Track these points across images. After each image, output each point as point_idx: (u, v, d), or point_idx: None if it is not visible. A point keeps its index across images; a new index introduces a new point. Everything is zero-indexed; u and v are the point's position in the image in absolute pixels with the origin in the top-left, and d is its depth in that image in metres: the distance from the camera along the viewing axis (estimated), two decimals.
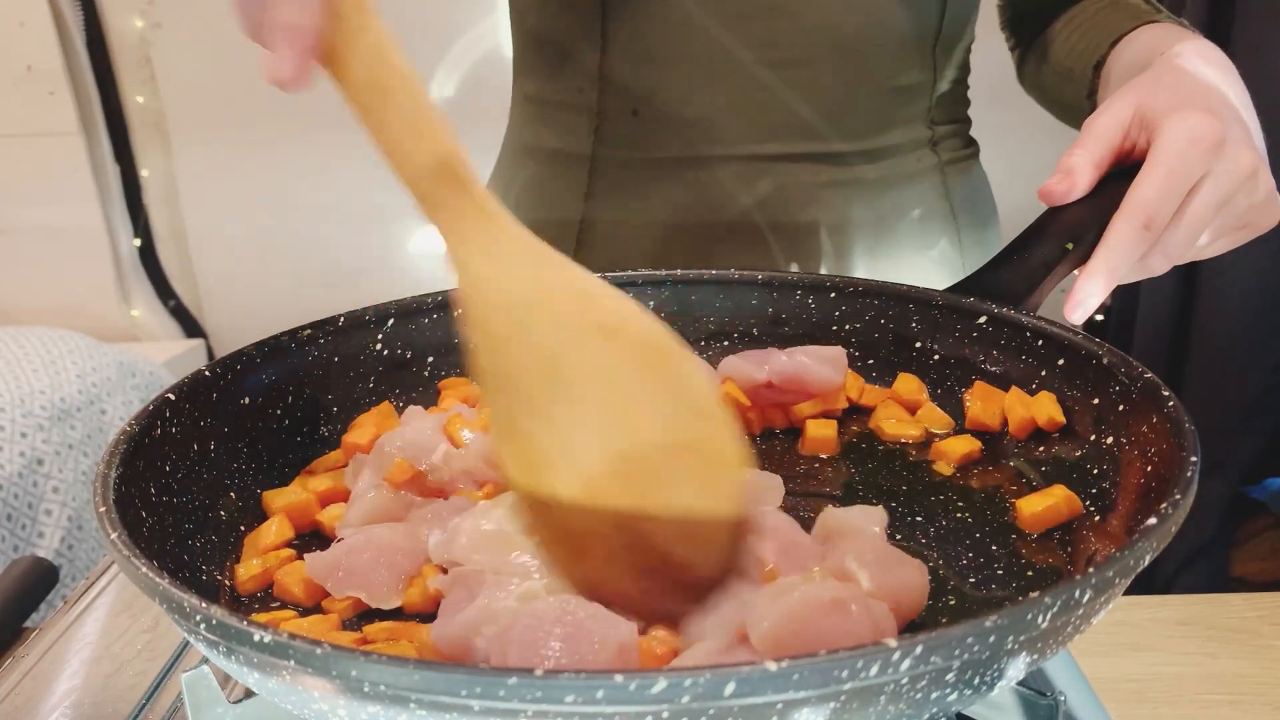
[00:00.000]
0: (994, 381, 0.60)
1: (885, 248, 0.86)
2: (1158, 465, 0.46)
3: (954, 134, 0.89)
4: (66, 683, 0.61)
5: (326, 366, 0.62)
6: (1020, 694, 0.48)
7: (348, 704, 0.32)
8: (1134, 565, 0.36)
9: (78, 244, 2.38)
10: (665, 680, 0.29)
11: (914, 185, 0.86)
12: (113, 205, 2.39)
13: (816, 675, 0.30)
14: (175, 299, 2.44)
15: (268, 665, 0.33)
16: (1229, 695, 0.60)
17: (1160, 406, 0.48)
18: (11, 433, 1.62)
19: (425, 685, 0.30)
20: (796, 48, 0.78)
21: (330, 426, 0.61)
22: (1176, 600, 0.69)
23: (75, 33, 2.28)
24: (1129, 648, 0.64)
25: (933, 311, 0.64)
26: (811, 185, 0.83)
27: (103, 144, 2.36)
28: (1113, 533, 0.47)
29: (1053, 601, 0.33)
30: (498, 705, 0.30)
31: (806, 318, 0.69)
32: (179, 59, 2.32)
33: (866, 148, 0.83)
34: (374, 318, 0.65)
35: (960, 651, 0.31)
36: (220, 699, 0.49)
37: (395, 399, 0.64)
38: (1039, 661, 0.36)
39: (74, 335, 1.88)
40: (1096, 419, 0.53)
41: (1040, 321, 0.59)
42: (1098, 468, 0.52)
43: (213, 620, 0.34)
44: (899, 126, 0.84)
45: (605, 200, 0.85)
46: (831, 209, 0.83)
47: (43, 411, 1.69)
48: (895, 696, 0.32)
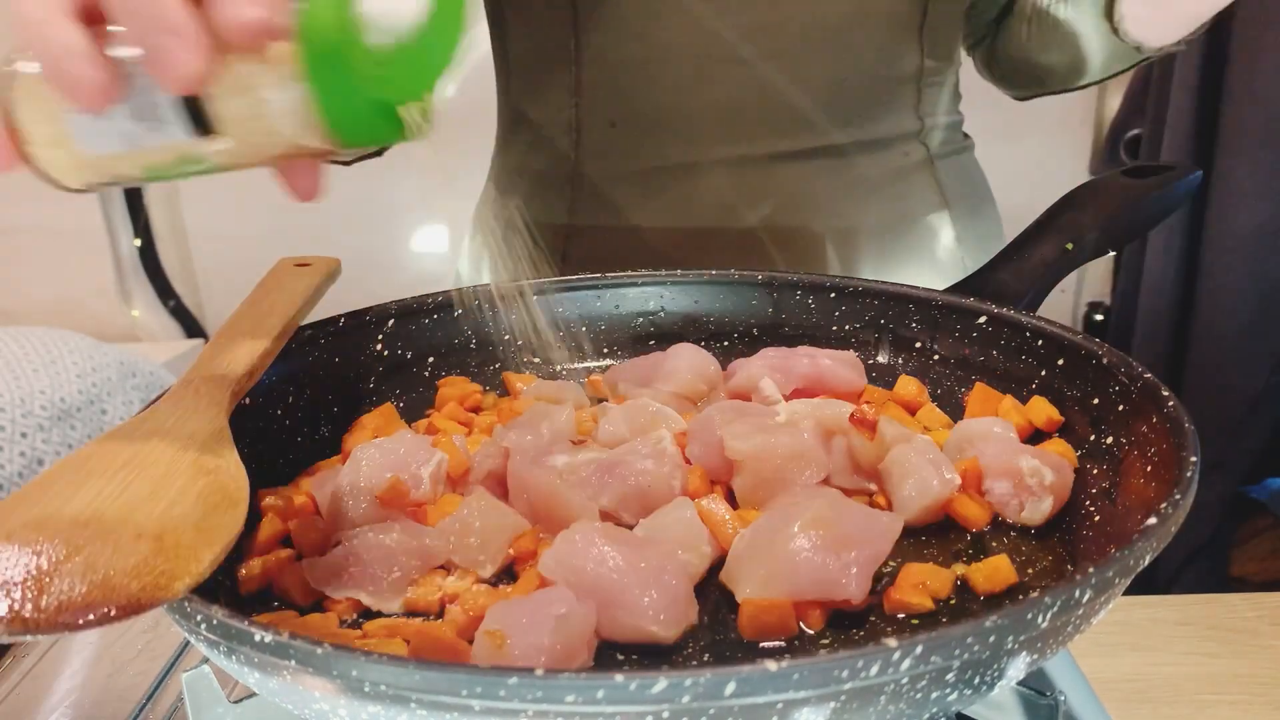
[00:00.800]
0: (994, 382, 0.60)
1: (881, 244, 0.85)
2: (1158, 465, 0.46)
3: (945, 127, 0.88)
4: (66, 683, 0.61)
5: (326, 367, 0.62)
6: (1020, 694, 0.48)
7: (348, 704, 0.32)
8: (1134, 565, 0.36)
9: (78, 244, 2.37)
10: (665, 680, 0.29)
11: (905, 179, 0.85)
12: (113, 205, 2.39)
13: (817, 675, 0.30)
14: (175, 299, 2.44)
15: (268, 665, 0.33)
16: (1229, 695, 0.60)
17: (1160, 406, 0.48)
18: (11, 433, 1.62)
19: (425, 685, 0.30)
20: (782, 39, 0.77)
21: (330, 427, 0.61)
22: (1176, 600, 0.69)
23: None
24: (1129, 648, 0.64)
25: (933, 312, 0.64)
26: (800, 184, 0.82)
27: None
28: (1112, 533, 0.47)
29: (1053, 601, 0.33)
30: (498, 705, 0.30)
31: (806, 318, 0.69)
32: None
33: (855, 139, 0.82)
34: (374, 318, 0.65)
35: (960, 651, 0.31)
36: (220, 699, 0.49)
37: (395, 399, 0.64)
38: (1039, 661, 0.36)
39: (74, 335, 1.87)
40: (1096, 419, 0.53)
41: (1040, 321, 0.59)
42: (1098, 468, 0.52)
43: (213, 620, 0.34)
44: (888, 118, 0.83)
45: (591, 215, 0.85)
46: (822, 207, 0.83)
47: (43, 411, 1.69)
48: (895, 696, 0.32)
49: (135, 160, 0.43)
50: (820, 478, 0.52)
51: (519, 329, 0.69)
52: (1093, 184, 0.69)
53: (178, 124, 0.41)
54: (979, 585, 0.46)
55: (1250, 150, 1.53)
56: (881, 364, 0.66)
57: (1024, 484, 0.51)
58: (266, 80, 0.39)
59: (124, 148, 0.43)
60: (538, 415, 0.57)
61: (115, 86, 0.39)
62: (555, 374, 0.70)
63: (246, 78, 0.39)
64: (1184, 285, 1.68)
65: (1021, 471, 0.50)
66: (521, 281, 0.65)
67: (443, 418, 0.62)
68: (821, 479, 0.52)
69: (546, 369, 0.70)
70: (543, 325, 0.69)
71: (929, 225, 0.87)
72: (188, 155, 0.42)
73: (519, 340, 0.69)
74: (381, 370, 0.65)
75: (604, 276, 0.71)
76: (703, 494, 0.52)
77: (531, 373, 0.69)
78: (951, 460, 0.53)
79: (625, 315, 0.72)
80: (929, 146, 0.86)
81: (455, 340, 0.68)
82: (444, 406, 0.64)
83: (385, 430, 0.59)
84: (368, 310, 0.65)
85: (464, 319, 0.68)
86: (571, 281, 0.71)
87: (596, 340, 0.72)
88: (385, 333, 0.65)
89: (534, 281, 0.70)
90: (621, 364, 0.68)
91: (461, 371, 0.68)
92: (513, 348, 0.70)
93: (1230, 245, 1.58)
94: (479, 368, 0.68)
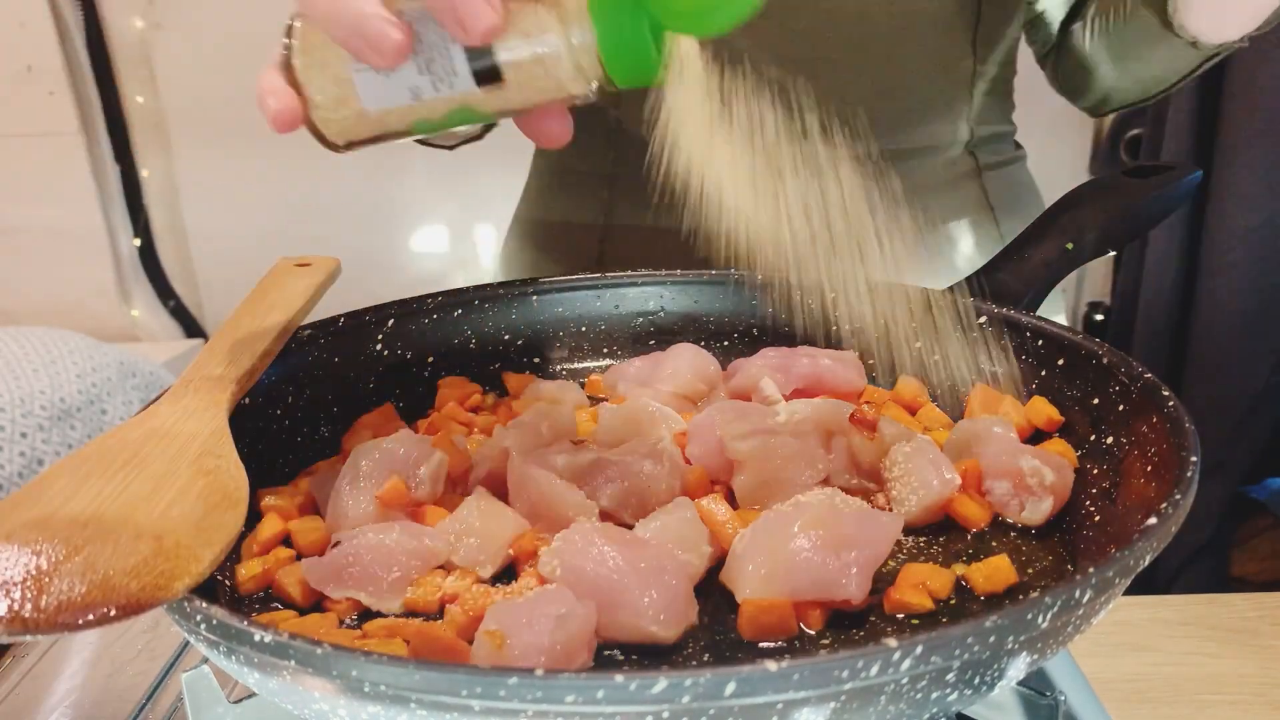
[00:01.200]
0: (994, 381, 0.60)
1: (924, 254, 0.83)
2: (1158, 465, 0.46)
3: (995, 137, 0.86)
4: (66, 683, 0.61)
5: (326, 367, 0.62)
6: (1020, 694, 0.48)
7: (348, 704, 0.32)
8: (1134, 565, 0.36)
9: (78, 244, 2.37)
10: (665, 680, 0.29)
11: (953, 189, 0.83)
12: (113, 205, 2.39)
13: (817, 675, 0.30)
14: (175, 299, 2.44)
15: (268, 665, 0.33)
16: (1229, 695, 0.60)
17: (1160, 406, 0.48)
18: (11, 433, 1.62)
19: (425, 685, 0.30)
20: (829, 44, 0.75)
21: (330, 427, 0.61)
22: (1176, 600, 0.69)
23: (75, 33, 2.28)
24: (1129, 648, 0.64)
25: (933, 311, 0.64)
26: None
27: (103, 144, 2.36)
28: (1113, 533, 0.47)
29: (1053, 601, 0.33)
30: (498, 705, 0.30)
31: (806, 318, 0.69)
32: (179, 59, 2.32)
33: (902, 147, 0.80)
34: (374, 318, 0.65)
35: (960, 651, 0.31)
36: (220, 699, 0.49)
37: (395, 399, 0.64)
38: (1039, 661, 0.36)
39: (74, 335, 1.87)
40: (1096, 419, 0.53)
41: (1040, 321, 0.59)
42: (1098, 468, 0.52)
43: (213, 620, 0.34)
44: (936, 126, 0.81)
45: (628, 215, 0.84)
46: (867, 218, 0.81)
47: (43, 411, 1.69)
48: (895, 696, 0.32)
49: (410, 114, 0.43)
50: (820, 478, 0.52)
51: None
52: (1093, 184, 0.69)
53: (465, 75, 0.41)
54: (979, 585, 0.46)
55: (1250, 150, 1.53)
56: (881, 363, 0.66)
57: (1024, 484, 0.51)
58: (555, 25, 0.39)
59: (409, 101, 0.43)
60: (538, 415, 0.57)
61: (409, 43, 0.39)
62: (555, 374, 0.70)
63: (536, 24, 0.39)
64: (1184, 285, 1.68)
65: (1021, 471, 0.51)
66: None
67: (443, 418, 0.62)
68: (821, 479, 0.52)
69: (546, 369, 0.70)
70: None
71: (975, 236, 0.85)
72: (464, 106, 0.43)
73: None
74: (381, 370, 0.65)
75: (604, 276, 0.71)
76: (703, 494, 0.52)
77: (531, 373, 0.69)
78: (951, 460, 0.53)
79: (625, 315, 0.72)
80: (977, 156, 0.85)
81: (455, 340, 0.68)
82: (444, 406, 0.64)
83: (385, 430, 0.59)
84: (368, 310, 0.65)
85: (464, 319, 0.68)
86: (572, 281, 0.71)
87: (596, 340, 0.72)
88: (385, 333, 0.65)
89: (533, 282, 0.70)
90: (621, 364, 0.68)
91: (461, 371, 0.68)
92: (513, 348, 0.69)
93: (1230, 245, 1.58)
94: (479, 368, 0.68)
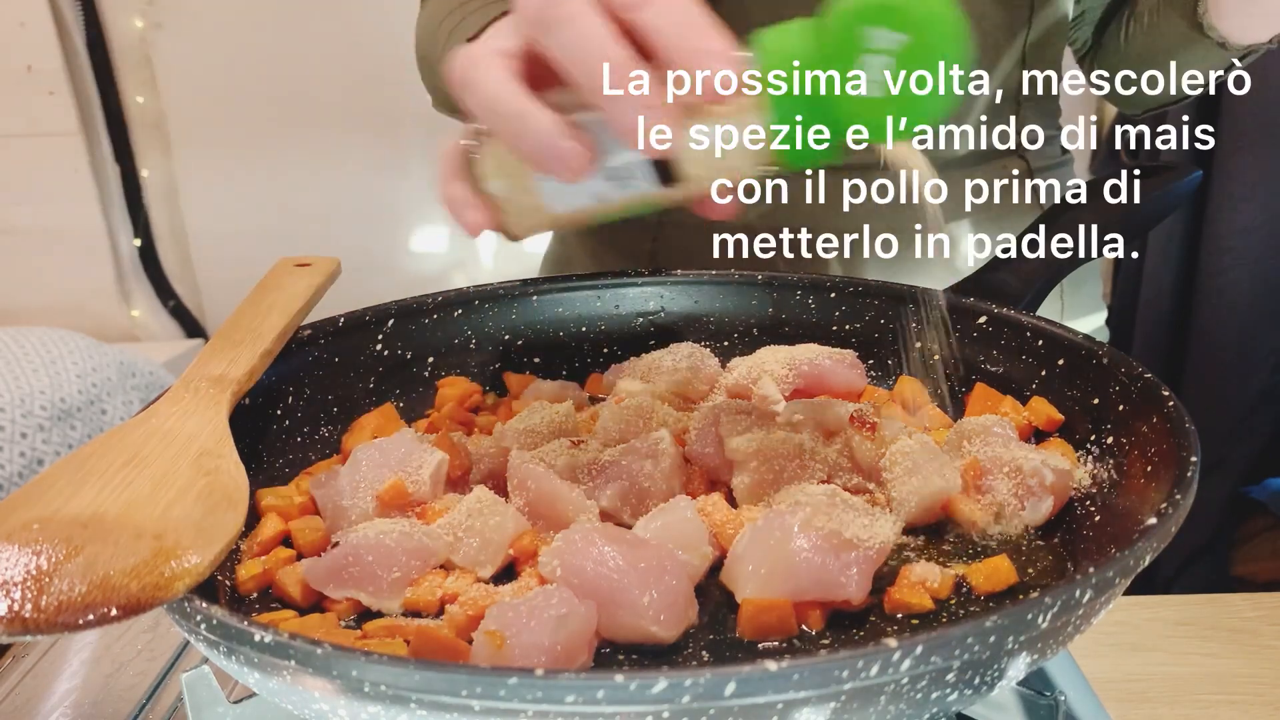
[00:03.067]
0: (994, 381, 0.60)
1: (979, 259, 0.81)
2: (1158, 465, 0.46)
3: (1045, 141, 0.85)
4: (66, 683, 0.61)
5: (326, 367, 0.62)
6: (1020, 694, 0.48)
7: (348, 704, 0.32)
8: (1134, 565, 0.36)
9: (78, 244, 2.37)
10: (665, 680, 0.29)
11: (1005, 195, 0.82)
12: (113, 205, 2.39)
13: (817, 675, 0.30)
14: (175, 299, 2.44)
15: (268, 665, 0.33)
16: (1229, 695, 0.60)
17: (1160, 406, 0.48)
18: (11, 433, 1.62)
19: (425, 685, 0.30)
20: None
21: (330, 427, 0.61)
22: (1176, 600, 0.69)
23: (75, 33, 2.28)
24: (1129, 648, 0.64)
25: (933, 311, 0.64)
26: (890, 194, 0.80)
27: (103, 144, 2.36)
28: (1113, 533, 0.47)
29: (1053, 601, 0.33)
30: (498, 705, 0.30)
31: (806, 318, 0.69)
32: (179, 59, 2.32)
33: (954, 153, 0.77)
34: (374, 318, 0.65)
35: (960, 651, 0.31)
36: (220, 699, 0.49)
37: (395, 399, 0.64)
38: (1039, 661, 0.36)
39: (74, 335, 1.87)
40: (1096, 419, 0.53)
41: (1040, 321, 0.59)
42: (1098, 467, 0.52)
43: (213, 620, 0.34)
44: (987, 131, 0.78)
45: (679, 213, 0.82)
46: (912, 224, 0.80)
47: (43, 412, 1.69)
48: (895, 696, 0.32)
49: (592, 211, 0.46)
50: (820, 478, 0.52)
51: None
52: (1092, 184, 0.69)
53: (646, 179, 0.43)
54: (979, 585, 0.46)
55: (1250, 150, 1.53)
56: (882, 363, 0.66)
57: (1024, 484, 0.51)
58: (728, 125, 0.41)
59: (592, 203, 0.45)
60: (538, 415, 0.57)
61: (593, 158, 0.41)
62: (555, 374, 0.70)
63: (710, 127, 0.41)
64: (1184, 285, 1.68)
65: (1022, 471, 0.51)
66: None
67: (443, 418, 0.62)
68: (822, 479, 0.52)
69: (546, 369, 0.70)
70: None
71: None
72: (645, 201, 0.45)
73: None
74: (381, 370, 0.65)
75: (604, 276, 0.71)
76: (703, 494, 0.52)
77: (531, 373, 0.69)
78: (951, 460, 0.53)
79: (625, 315, 0.72)
80: (1029, 161, 0.84)
81: (455, 340, 0.68)
82: (444, 406, 0.64)
83: (385, 430, 0.59)
84: (368, 310, 0.65)
85: (464, 319, 0.68)
86: (572, 281, 0.71)
87: (596, 340, 0.72)
88: (385, 333, 0.65)
89: (533, 282, 0.70)
90: (621, 364, 0.68)
91: (461, 371, 0.68)
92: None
93: (1230, 245, 1.58)
94: (479, 368, 0.68)
